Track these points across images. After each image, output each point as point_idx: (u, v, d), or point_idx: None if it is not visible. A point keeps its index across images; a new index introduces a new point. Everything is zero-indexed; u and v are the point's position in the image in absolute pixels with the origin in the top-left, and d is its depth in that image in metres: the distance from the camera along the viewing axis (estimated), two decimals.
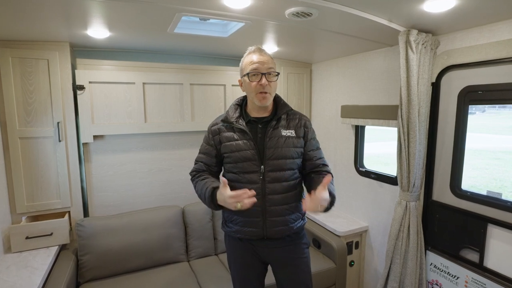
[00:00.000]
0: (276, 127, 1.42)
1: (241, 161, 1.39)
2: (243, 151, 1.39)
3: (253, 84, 1.36)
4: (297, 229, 1.48)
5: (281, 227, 1.43)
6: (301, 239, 1.53)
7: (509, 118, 9.71)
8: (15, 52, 1.92)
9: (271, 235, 1.43)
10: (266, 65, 1.35)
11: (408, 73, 1.74)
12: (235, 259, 1.56)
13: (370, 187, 2.42)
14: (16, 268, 1.76)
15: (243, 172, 1.40)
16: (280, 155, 1.39)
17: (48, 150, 2.06)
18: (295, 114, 1.50)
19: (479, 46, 1.61)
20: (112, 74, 2.22)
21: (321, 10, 1.47)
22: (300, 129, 1.46)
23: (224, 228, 1.55)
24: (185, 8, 1.46)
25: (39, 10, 1.45)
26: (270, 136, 1.40)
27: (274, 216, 1.41)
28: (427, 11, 1.45)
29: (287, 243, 1.48)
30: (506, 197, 1.61)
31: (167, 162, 2.57)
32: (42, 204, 2.08)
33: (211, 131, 1.48)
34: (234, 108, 1.48)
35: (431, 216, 1.96)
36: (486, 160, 8.32)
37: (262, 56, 1.37)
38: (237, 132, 1.42)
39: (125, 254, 2.12)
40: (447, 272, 1.87)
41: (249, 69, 1.36)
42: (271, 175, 1.39)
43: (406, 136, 1.82)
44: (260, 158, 1.39)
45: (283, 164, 1.40)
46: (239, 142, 1.40)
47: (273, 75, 1.37)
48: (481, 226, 1.69)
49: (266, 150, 1.39)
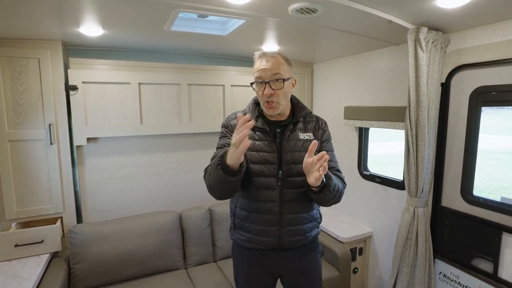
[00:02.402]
0: (293, 130, 1.35)
1: (260, 163, 1.30)
2: (263, 152, 1.30)
3: (259, 93, 1.30)
4: (313, 238, 1.40)
5: (298, 236, 1.34)
6: (315, 248, 1.45)
7: (507, 118, 9.65)
8: (4, 50, 1.84)
9: (286, 245, 1.34)
10: (270, 72, 1.25)
11: (417, 73, 1.66)
12: (243, 271, 1.45)
13: (374, 191, 2.34)
14: (3, 279, 1.67)
15: (260, 175, 1.30)
16: (299, 159, 1.29)
17: (39, 153, 1.99)
18: (312, 117, 1.43)
19: (492, 44, 1.53)
20: (106, 74, 2.13)
21: (326, 6, 1.38)
22: (318, 132, 1.39)
23: (232, 236, 1.44)
24: (182, 3, 1.38)
25: (29, 6, 1.38)
26: (288, 140, 1.33)
27: (292, 225, 1.32)
28: (440, 6, 1.37)
29: (301, 253, 1.40)
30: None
31: (164, 165, 2.48)
32: (33, 209, 2.00)
33: (230, 125, 1.37)
34: (253, 106, 1.39)
35: (440, 223, 1.88)
36: (484, 161, 8.25)
37: (266, 61, 1.27)
38: (257, 132, 1.33)
39: (120, 262, 2.03)
40: (458, 282, 1.78)
41: (254, 77, 1.30)
42: (290, 180, 1.30)
43: (415, 139, 1.74)
44: (278, 162, 1.31)
45: (301, 169, 1.27)
46: (259, 143, 1.31)
47: (280, 81, 1.26)
48: (495, 234, 1.60)
49: (284, 154, 1.31)
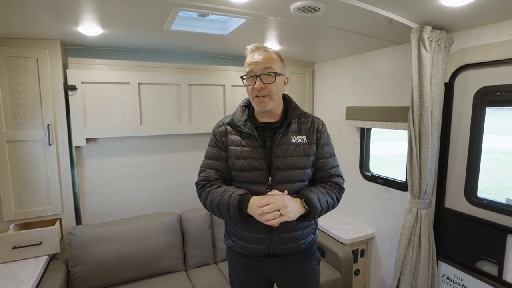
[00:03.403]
0: (285, 133, 1.28)
1: (247, 170, 1.26)
2: (251, 159, 1.25)
3: (249, 87, 1.26)
4: (307, 245, 1.34)
5: (290, 244, 1.29)
6: (311, 256, 1.39)
7: (506, 119, 9.60)
8: (2, 50, 1.82)
9: (278, 252, 1.29)
10: (261, 65, 1.21)
11: (421, 73, 1.64)
12: (237, 276, 1.43)
13: (376, 192, 2.31)
14: (1, 281, 1.64)
15: (248, 183, 1.27)
16: (290, 165, 1.25)
17: (37, 154, 1.96)
18: (307, 118, 1.35)
19: (498, 43, 1.51)
20: (105, 73, 2.11)
21: (329, 4, 1.36)
22: (313, 134, 1.31)
23: (226, 242, 1.41)
24: (183, 2, 1.36)
25: (27, 5, 1.35)
26: (279, 144, 1.26)
27: (283, 232, 1.27)
28: (445, 5, 1.34)
29: (296, 260, 1.35)
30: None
31: (164, 166, 2.46)
32: (31, 211, 1.98)
33: (218, 133, 1.34)
34: (242, 110, 1.35)
35: (444, 224, 1.86)
36: (485, 161, 8.22)
37: (258, 55, 1.24)
38: (245, 138, 1.28)
39: (119, 264, 2.01)
40: (462, 284, 1.76)
41: (245, 71, 1.26)
42: (280, 188, 1.23)
43: (418, 140, 1.72)
44: (268, 168, 1.26)
45: (293, 175, 1.26)
46: (247, 149, 1.27)
47: (271, 75, 1.22)
48: (499, 236, 1.58)
49: (274, 159, 1.25)
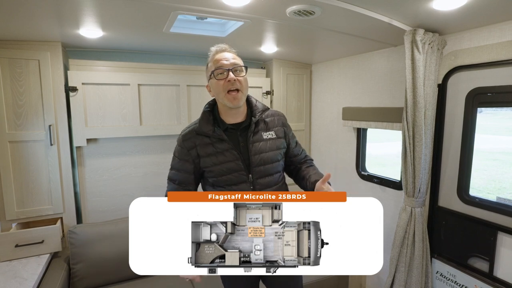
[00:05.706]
0: (256, 131, 1.33)
1: (226, 173, 1.29)
2: (227, 163, 1.28)
3: (220, 82, 1.24)
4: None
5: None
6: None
7: (506, 119, 9.65)
8: (4, 52, 1.85)
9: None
10: (232, 61, 1.25)
11: (414, 74, 1.67)
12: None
13: (372, 191, 2.35)
14: (4, 279, 1.68)
15: (231, 185, 1.30)
16: (267, 159, 1.32)
17: (39, 154, 1.99)
18: (271, 113, 1.41)
19: (488, 46, 1.55)
20: (106, 75, 2.14)
21: (324, 8, 1.40)
22: (279, 129, 1.39)
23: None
24: (181, 6, 1.40)
25: (28, 7, 1.39)
26: (253, 142, 1.31)
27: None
28: (436, 9, 1.38)
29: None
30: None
31: (164, 166, 2.48)
32: (33, 210, 2.01)
33: (184, 145, 1.33)
34: (206, 117, 1.33)
35: (437, 222, 1.90)
36: (483, 161, 8.25)
37: (226, 53, 1.28)
38: (215, 144, 1.30)
39: (120, 262, 2.03)
40: (454, 281, 1.80)
41: (214, 67, 1.26)
42: (261, 182, 1.32)
43: (412, 140, 1.75)
44: (246, 166, 1.30)
45: (271, 169, 1.33)
46: (221, 154, 1.29)
47: (241, 69, 1.26)
48: (491, 234, 1.62)
49: (252, 157, 1.30)
